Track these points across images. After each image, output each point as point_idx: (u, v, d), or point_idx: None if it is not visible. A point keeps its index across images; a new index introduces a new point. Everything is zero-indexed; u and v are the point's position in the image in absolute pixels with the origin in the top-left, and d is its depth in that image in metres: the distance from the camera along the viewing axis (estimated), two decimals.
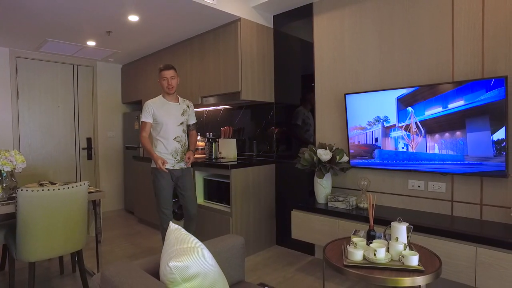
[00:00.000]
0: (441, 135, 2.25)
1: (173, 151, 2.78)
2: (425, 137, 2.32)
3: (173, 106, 2.81)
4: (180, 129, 2.82)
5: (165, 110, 2.77)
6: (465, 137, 2.14)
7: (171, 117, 2.77)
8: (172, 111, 2.79)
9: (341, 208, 2.61)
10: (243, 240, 1.75)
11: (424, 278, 1.52)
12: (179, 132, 2.81)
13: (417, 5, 2.44)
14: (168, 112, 2.77)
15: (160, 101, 2.79)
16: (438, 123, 2.25)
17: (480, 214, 2.23)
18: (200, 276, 1.17)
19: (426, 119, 2.30)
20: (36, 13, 2.94)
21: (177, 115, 2.81)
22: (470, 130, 2.12)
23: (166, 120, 2.75)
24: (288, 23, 3.29)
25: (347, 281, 2.58)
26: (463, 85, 2.14)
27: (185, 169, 2.85)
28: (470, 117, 2.11)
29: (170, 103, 2.81)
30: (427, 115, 2.30)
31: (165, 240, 1.32)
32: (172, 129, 2.77)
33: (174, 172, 2.80)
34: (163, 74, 2.75)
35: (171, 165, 2.77)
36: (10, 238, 2.28)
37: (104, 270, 1.27)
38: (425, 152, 2.33)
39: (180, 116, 2.82)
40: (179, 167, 2.81)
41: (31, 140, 4.33)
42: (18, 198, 2.07)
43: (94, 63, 4.85)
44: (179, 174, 2.82)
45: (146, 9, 2.91)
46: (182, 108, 2.85)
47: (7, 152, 2.29)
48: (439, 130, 2.25)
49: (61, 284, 2.62)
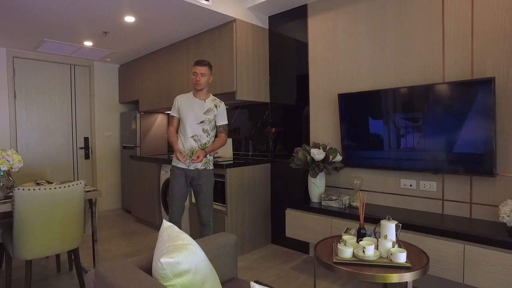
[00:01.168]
0: (431, 134, 2.29)
1: (189, 149, 2.64)
2: (416, 136, 2.36)
3: (197, 103, 2.67)
4: (199, 128, 2.65)
5: (188, 105, 2.67)
6: (454, 136, 2.18)
7: (191, 114, 2.65)
8: (195, 108, 2.66)
9: (334, 206, 2.65)
10: (235, 238, 1.78)
11: (411, 274, 1.56)
12: (197, 130, 2.65)
13: (409, 6, 2.48)
14: (190, 108, 2.66)
15: (188, 97, 2.72)
16: (429, 122, 2.29)
17: (470, 213, 2.27)
18: (191, 272, 1.21)
19: (418, 119, 2.34)
20: (33, 14, 2.97)
21: (198, 113, 2.65)
22: (460, 129, 2.16)
23: (187, 116, 2.65)
24: (283, 24, 3.33)
25: (340, 279, 2.62)
26: (453, 85, 2.18)
27: (201, 171, 2.67)
28: (460, 117, 2.15)
29: (196, 99, 2.68)
30: (418, 114, 2.34)
31: (159, 237, 1.35)
32: (190, 126, 2.64)
33: (189, 172, 2.66)
34: (194, 68, 2.63)
35: (185, 164, 2.65)
36: (7, 237, 2.31)
37: (98, 266, 1.31)
38: (416, 150, 2.37)
39: (202, 115, 2.65)
40: (194, 167, 2.66)
41: (28, 140, 4.35)
42: (15, 197, 2.10)
43: (91, 63, 4.88)
44: (195, 174, 2.67)
45: (142, 10, 2.94)
46: (207, 107, 2.68)
47: (4, 151, 2.32)
48: (430, 129, 2.29)
49: (58, 282, 2.65)
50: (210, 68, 2.66)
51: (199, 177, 2.68)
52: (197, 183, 2.69)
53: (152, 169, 3.98)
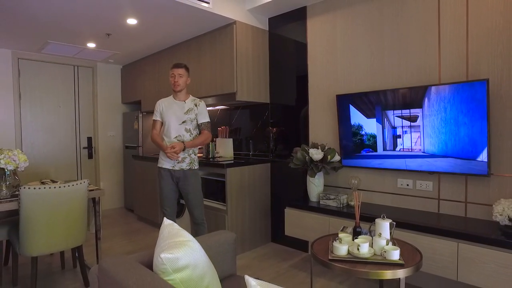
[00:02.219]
0: (427, 134, 2.33)
1: None
2: (412, 136, 2.40)
3: (178, 104, 2.76)
4: (182, 128, 2.72)
5: (169, 107, 2.75)
6: (449, 136, 2.23)
7: (173, 116, 2.72)
8: (176, 108, 2.74)
9: (332, 206, 2.70)
10: (234, 235, 1.83)
11: (404, 271, 1.61)
12: (180, 131, 2.72)
13: (406, 9, 2.52)
14: (171, 110, 2.74)
15: (169, 100, 2.80)
16: (424, 123, 2.34)
17: (465, 212, 2.31)
18: (190, 268, 1.26)
19: (414, 119, 2.39)
20: (38, 16, 3.04)
21: (179, 114, 2.73)
22: (455, 129, 2.20)
23: (169, 118, 2.73)
24: (283, 25, 3.38)
25: (337, 277, 2.67)
26: (448, 86, 2.22)
27: (186, 171, 2.72)
28: (455, 117, 2.19)
29: (176, 101, 2.77)
30: (414, 115, 2.38)
31: (159, 234, 1.41)
32: (173, 128, 2.72)
33: (174, 172, 2.72)
34: (171, 71, 2.74)
35: (171, 165, 2.71)
36: (14, 234, 2.38)
37: (102, 262, 1.36)
38: (412, 151, 2.41)
39: (183, 115, 2.73)
40: (179, 167, 2.71)
41: (33, 140, 4.43)
42: (21, 195, 2.17)
43: (94, 64, 4.95)
44: (180, 175, 2.72)
45: (144, 13, 3.00)
46: (187, 107, 2.75)
47: (10, 151, 2.38)
48: (426, 129, 2.33)
49: (62, 279, 2.72)
50: (187, 70, 2.76)
51: (185, 177, 2.72)
52: (184, 184, 2.73)
53: (154, 168, 4.04)
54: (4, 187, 2.34)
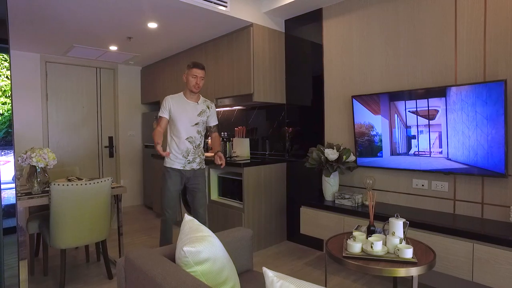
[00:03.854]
0: (443, 135, 2.34)
1: (184, 151, 2.70)
2: (428, 137, 2.41)
3: (191, 105, 2.72)
4: (194, 130, 2.72)
5: (181, 108, 2.69)
6: (466, 137, 2.23)
7: (186, 116, 2.68)
8: (189, 110, 2.70)
9: (347, 205, 2.73)
10: (251, 232, 1.91)
11: (417, 269, 1.64)
12: (192, 132, 2.71)
13: (422, 10, 2.53)
14: (184, 111, 2.69)
15: (179, 98, 2.72)
16: (440, 124, 2.35)
17: (481, 213, 2.31)
18: (210, 261, 1.34)
19: (430, 120, 2.40)
20: (65, 22, 3.20)
21: (193, 115, 2.71)
22: (472, 130, 2.20)
23: (180, 118, 2.67)
24: (299, 27, 3.43)
25: (352, 275, 2.70)
26: (465, 87, 2.22)
27: (197, 170, 2.77)
28: (472, 118, 2.20)
29: (189, 102, 2.72)
30: (430, 116, 2.39)
31: (181, 230, 1.50)
32: (185, 129, 2.68)
33: (185, 173, 2.72)
34: (194, 71, 2.65)
35: (181, 165, 2.70)
36: (44, 228, 2.53)
37: (128, 254, 1.46)
38: (427, 151, 2.42)
39: (196, 117, 2.72)
40: (190, 168, 2.73)
41: (58, 139, 4.64)
42: (52, 191, 2.31)
43: (115, 66, 5.13)
44: (190, 175, 2.74)
45: (164, 17, 3.11)
46: (200, 109, 2.74)
47: (41, 150, 2.54)
48: (442, 131, 2.34)
49: (87, 271, 2.87)
50: (205, 72, 2.76)
51: (195, 177, 2.76)
52: (194, 183, 2.76)
53: None
54: (36, 183, 2.49)
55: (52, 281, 2.66)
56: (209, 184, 3.62)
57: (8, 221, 1.89)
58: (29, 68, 4.34)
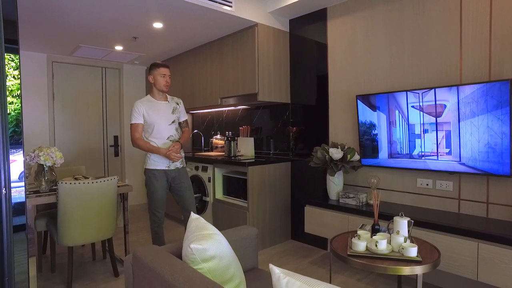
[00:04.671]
0: (447, 136, 2.34)
1: None
2: (431, 137, 2.41)
3: (162, 105, 2.74)
4: (172, 128, 2.75)
5: (155, 109, 2.69)
6: (471, 137, 2.23)
7: (162, 117, 2.70)
8: (162, 110, 2.72)
9: (352, 204, 2.74)
10: (256, 231, 1.92)
11: (422, 267, 1.65)
12: (172, 131, 2.74)
13: (427, 9, 2.53)
14: (158, 112, 2.69)
15: (148, 101, 2.72)
16: (445, 124, 2.35)
17: (486, 212, 2.31)
18: (216, 258, 1.36)
19: (433, 120, 2.40)
20: (71, 23, 3.23)
21: (168, 114, 2.74)
22: (477, 130, 2.20)
23: (157, 119, 2.67)
24: (303, 27, 3.43)
25: (356, 274, 2.71)
26: (470, 87, 2.22)
27: (181, 169, 2.79)
28: (477, 118, 2.20)
29: (160, 102, 2.74)
30: (434, 116, 2.39)
31: (187, 228, 1.51)
32: (164, 129, 2.70)
33: (170, 172, 2.73)
34: (162, 70, 2.69)
35: (166, 165, 2.70)
36: (52, 225, 2.56)
37: (135, 251, 1.49)
38: (431, 151, 2.42)
39: (171, 115, 2.75)
40: (174, 167, 2.75)
41: (64, 138, 4.68)
42: (59, 190, 2.34)
43: (120, 65, 5.16)
44: (175, 174, 2.75)
45: (170, 17, 3.13)
46: (171, 106, 2.77)
47: (48, 149, 2.57)
48: (446, 131, 2.34)
49: (94, 268, 2.90)
50: None
51: (180, 175, 2.77)
52: (180, 182, 2.77)
53: None
54: (43, 182, 2.53)
55: (60, 278, 2.69)
56: (213, 183, 3.65)
57: (17, 219, 1.92)
58: (36, 68, 4.39)
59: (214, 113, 4.62)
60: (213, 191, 3.64)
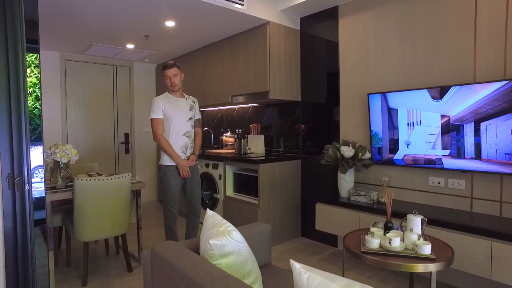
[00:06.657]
0: (459, 134, 2.33)
1: (183, 146, 2.80)
2: (443, 135, 2.41)
3: (180, 101, 2.84)
4: (189, 124, 2.84)
5: (174, 105, 2.79)
6: (484, 136, 2.22)
7: (180, 112, 2.79)
8: (181, 106, 2.82)
9: (363, 202, 2.75)
10: (270, 227, 1.95)
11: (436, 265, 1.66)
12: (188, 127, 2.83)
13: (440, 6, 2.51)
14: (177, 108, 2.79)
15: (167, 97, 2.82)
16: (457, 122, 2.34)
17: (500, 211, 2.30)
18: (234, 254, 1.39)
19: (446, 118, 2.39)
20: (84, 21, 3.28)
21: (186, 110, 2.84)
22: (490, 129, 2.19)
23: (176, 115, 2.76)
24: (315, 25, 3.44)
25: (367, 271, 2.72)
26: (484, 86, 2.21)
27: (193, 167, 2.87)
28: (491, 116, 2.19)
29: (178, 99, 2.85)
30: (447, 114, 2.38)
31: (204, 224, 1.54)
32: (181, 124, 2.79)
33: None
34: (165, 73, 2.77)
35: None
36: (67, 221, 2.62)
37: (154, 247, 1.52)
38: (444, 150, 2.42)
39: (189, 111, 2.85)
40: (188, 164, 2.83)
41: (76, 135, 4.76)
42: (75, 186, 2.39)
43: (131, 63, 5.21)
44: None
45: (182, 16, 3.16)
46: (189, 104, 2.88)
47: (64, 146, 2.62)
48: (459, 130, 2.34)
49: (108, 263, 2.95)
50: (178, 68, 2.82)
51: (192, 172, 2.86)
52: (191, 179, 2.86)
53: None
54: (59, 178, 2.58)
55: (75, 272, 2.75)
56: (224, 180, 3.68)
57: (37, 213, 1.97)
58: (50, 67, 4.46)
59: (224, 110, 4.65)
60: (224, 188, 3.67)
